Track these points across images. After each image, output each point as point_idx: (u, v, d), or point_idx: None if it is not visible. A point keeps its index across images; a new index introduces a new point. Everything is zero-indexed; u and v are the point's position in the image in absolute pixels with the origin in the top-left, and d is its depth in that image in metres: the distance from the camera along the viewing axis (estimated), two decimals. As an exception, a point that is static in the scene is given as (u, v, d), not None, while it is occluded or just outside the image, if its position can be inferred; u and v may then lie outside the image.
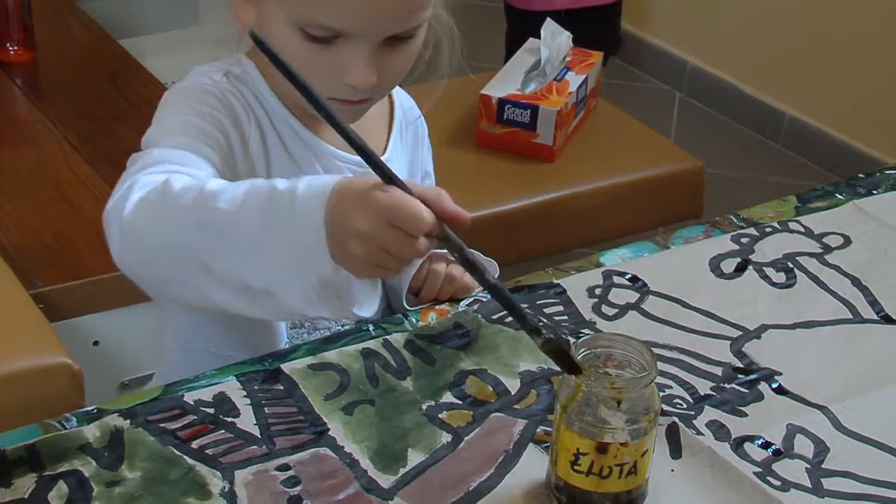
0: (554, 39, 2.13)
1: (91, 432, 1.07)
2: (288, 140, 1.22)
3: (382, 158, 1.19)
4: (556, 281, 1.29)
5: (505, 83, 2.11)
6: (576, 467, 0.99)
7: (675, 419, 1.11)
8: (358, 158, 1.18)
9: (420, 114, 1.36)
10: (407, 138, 1.34)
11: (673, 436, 1.09)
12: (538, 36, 2.15)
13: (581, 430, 0.99)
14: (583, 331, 1.22)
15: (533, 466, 1.06)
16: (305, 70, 1.07)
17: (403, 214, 0.94)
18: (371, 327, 1.21)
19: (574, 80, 2.12)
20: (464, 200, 1.97)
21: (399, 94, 1.34)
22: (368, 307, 1.01)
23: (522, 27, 2.37)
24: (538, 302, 1.26)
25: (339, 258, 0.96)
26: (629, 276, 1.30)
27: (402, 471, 1.05)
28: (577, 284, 1.29)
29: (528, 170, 2.07)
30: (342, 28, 1.10)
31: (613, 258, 1.33)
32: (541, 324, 1.02)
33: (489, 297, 1.26)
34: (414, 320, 1.23)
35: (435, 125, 2.13)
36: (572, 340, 1.20)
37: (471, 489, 1.04)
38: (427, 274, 1.26)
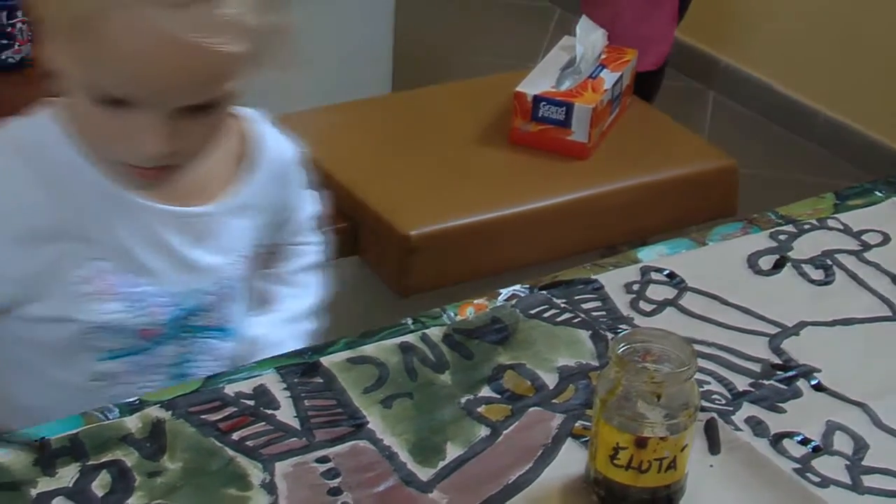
0: (589, 37, 2.13)
1: (133, 423, 1.08)
2: (89, 200, 1.12)
3: (213, 206, 1.17)
4: (593, 276, 1.29)
5: (539, 80, 2.11)
6: (615, 461, 1.00)
7: (714, 415, 1.11)
8: (175, 209, 1.15)
9: (291, 153, 1.29)
10: (266, 183, 1.23)
11: (711, 431, 1.09)
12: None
13: (620, 424, 0.99)
14: (620, 326, 1.22)
15: (571, 460, 1.06)
16: (99, 134, 1.07)
17: None
18: (410, 321, 1.22)
19: (609, 77, 2.12)
20: (497, 198, 1.99)
21: (264, 136, 1.25)
22: None
23: None
24: (575, 297, 1.26)
25: None
26: (666, 272, 1.30)
27: (441, 464, 1.06)
28: (615, 280, 1.29)
29: (561, 167, 2.07)
30: (127, 97, 1.03)
31: (650, 254, 1.33)
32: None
33: (527, 290, 1.26)
34: (452, 314, 1.23)
35: (468, 123, 2.16)
36: (611, 336, 1.21)
37: (509, 482, 1.04)
38: None
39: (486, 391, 1.14)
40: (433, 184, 2.01)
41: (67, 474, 1.02)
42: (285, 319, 1.34)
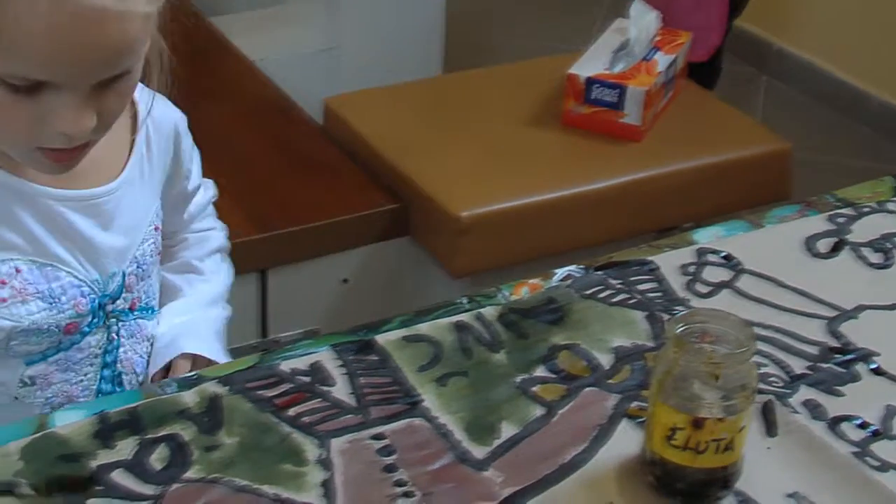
0: (643, 19, 2.12)
1: (190, 398, 1.08)
2: None
3: (114, 184, 1.12)
4: (648, 258, 1.28)
5: (593, 63, 2.10)
6: (671, 442, 0.99)
7: (771, 397, 1.10)
8: (77, 192, 1.10)
9: (171, 110, 1.22)
10: (158, 147, 1.20)
11: (768, 414, 1.09)
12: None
13: (677, 404, 0.98)
14: (675, 308, 1.21)
15: (626, 441, 1.06)
16: (6, 123, 1.00)
17: None
18: (464, 300, 1.22)
19: (662, 59, 2.11)
20: (549, 180, 1.99)
21: (142, 96, 1.17)
22: None
23: None
24: (631, 278, 1.26)
25: None
26: (723, 254, 1.29)
27: (496, 442, 1.06)
28: (670, 261, 1.28)
29: (614, 150, 2.06)
30: (47, 79, 0.97)
31: (706, 236, 1.33)
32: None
33: (582, 271, 1.26)
34: (507, 294, 1.23)
35: (519, 105, 2.15)
36: (666, 317, 1.20)
37: (564, 462, 1.04)
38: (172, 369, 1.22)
39: (541, 371, 1.14)
40: (485, 165, 2.01)
41: (126, 447, 1.03)
42: (199, 303, 1.31)
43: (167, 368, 1.24)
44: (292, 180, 2.02)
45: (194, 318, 1.29)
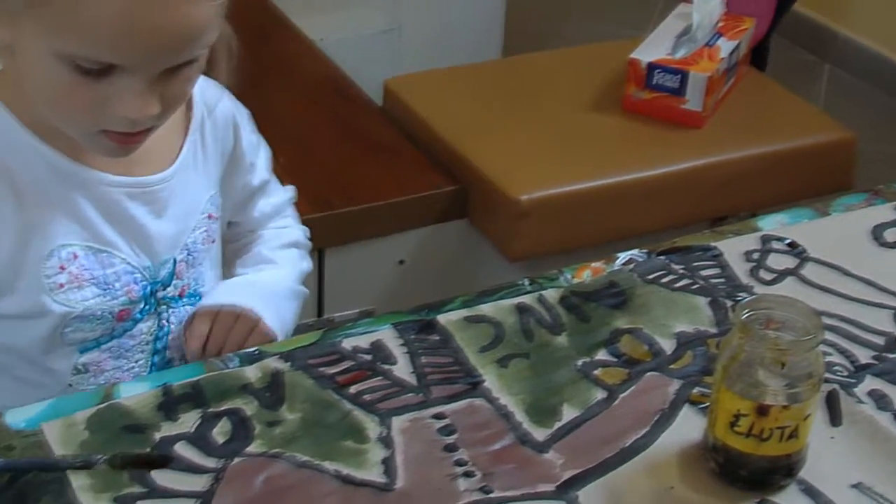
0: (706, 4, 2.10)
1: (252, 373, 1.09)
2: (45, 181, 1.08)
3: (169, 171, 1.13)
4: (712, 244, 1.27)
5: (654, 48, 2.08)
6: (735, 428, 0.98)
7: (836, 386, 1.09)
8: (133, 179, 1.10)
9: (230, 102, 1.22)
10: (214, 136, 1.20)
11: (833, 403, 1.08)
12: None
13: (742, 391, 0.98)
14: (739, 294, 1.20)
15: (688, 427, 1.05)
16: (74, 104, 1.00)
17: None
18: (526, 282, 1.21)
19: (725, 46, 2.09)
20: (609, 166, 1.98)
21: (199, 86, 1.16)
22: None
23: None
24: (694, 264, 1.25)
25: None
26: (788, 241, 1.28)
27: (557, 425, 1.05)
28: (734, 248, 1.27)
29: (674, 136, 2.05)
30: (118, 63, 0.98)
31: (771, 223, 1.31)
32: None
33: (645, 255, 1.25)
34: (568, 277, 1.22)
35: (579, 89, 2.14)
36: (730, 303, 1.19)
37: (626, 446, 1.03)
38: (211, 333, 1.18)
39: (602, 354, 1.13)
40: (544, 149, 2.00)
41: (189, 420, 1.03)
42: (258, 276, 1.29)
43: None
44: (351, 161, 2.02)
45: (239, 279, 1.27)
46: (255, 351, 1.12)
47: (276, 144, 2.02)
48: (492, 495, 0.98)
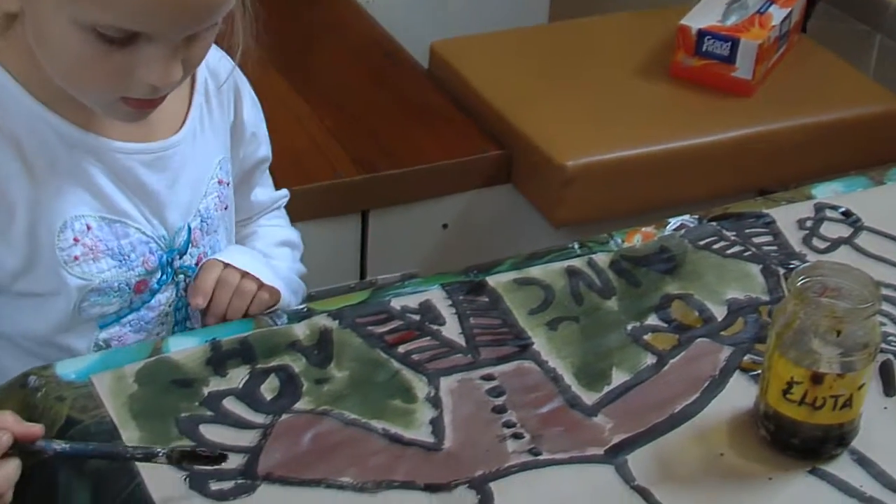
0: (758, -30, 2.06)
1: (301, 330, 1.09)
2: (56, 152, 1.06)
3: (179, 136, 1.11)
4: (765, 211, 1.26)
5: (705, 15, 2.05)
6: (787, 396, 0.97)
7: (890, 356, 1.08)
8: (143, 145, 1.08)
9: (232, 66, 1.17)
10: (219, 102, 1.18)
11: (887, 373, 1.06)
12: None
13: (796, 358, 0.96)
14: (792, 262, 1.19)
15: (739, 394, 1.04)
16: (94, 73, 0.98)
17: None
18: (576, 245, 1.20)
19: (777, 13, 2.06)
20: (656, 133, 1.96)
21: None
22: None
23: None
24: (746, 231, 1.23)
25: None
26: (842, 209, 1.26)
27: (606, 389, 1.05)
28: (787, 215, 1.25)
29: (723, 104, 2.02)
30: (143, 31, 0.96)
31: (825, 191, 1.30)
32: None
33: (696, 221, 1.24)
34: (619, 241, 1.21)
35: (627, 56, 2.12)
36: (782, 271, 1.18)
37: (675, 412, 1.02)
38: (217, 285, 1.13)
39: (652, 319, 1.12)
40: (591, 115, 1.98)
41: (237, 376, 1.03)
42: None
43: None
44: (396, 123, 2.01)
45: (246, 249, 1.25)
46: (303, 308, 1.12)
47: (322, 107, 2.03)
48: (540, 457, 0.97)
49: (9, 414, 0.90)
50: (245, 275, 1.14)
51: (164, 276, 1.14)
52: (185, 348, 1.06)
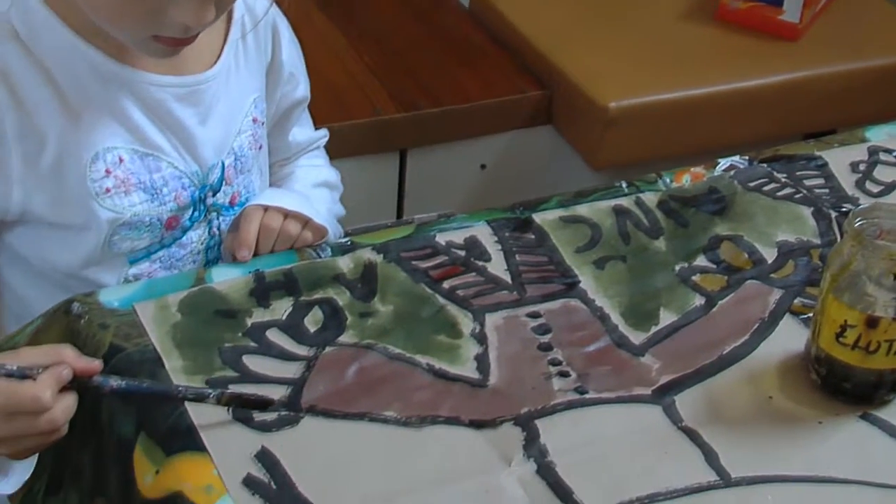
0: (809, -89, 2.02)
1: (345, 263, 1.07)
2: (88, 82, 1.04)
3: (213, 71, 1.09)
4: (817, 153, 1.23)
5: (752, -45, 2.02)
6: (840, 340, 0.95)
7: (945, 302, 1.05)
8: (177, 79, 1.06)
9: (270, 3, 1.16)
10: (256, 41, 1.17)
11: (941, 319, 1.04)
12: None
13: (851, 301, 0.94)
14: (844, 206, 1.17)
15: (789, 337, 1.02)
16: (128, 13, 0.97)
17: (19, 404, 0.86)
18: (624, 184, 1.18)
19: (827, -45, 2.02)
20: (700, 76, 1.92)
21: None
22: (22, 475, 0.96)
23: None
24: (797, 173, 1.21)
25: None
26: (896, 153, 1.24)
27: (654, 329, 1.03)
28: (840, 158, 1.23)
29: (769, 48, 1.98)
30: None
31: (879, 134, 1.27)
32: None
33: (746, 163, 1.22)
34: (667, 181, 1.19)
35: (672, -1, 2.08)
36: (834, 214, 1.15)
37: (724, 353, 1.01)
38: (260, 233, 1.11)
39: (701, 260, 1.10)
40: (634, 57, 1.95)
41: (281, 307, 1.02)
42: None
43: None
44: (436, 61, 1.98)
45: (284, 189, 1.24)
46: (347, 241, 1.10)
47: (363, 44, 2.01)
48: (587, 396, 0.96)
49: (69, 348, 0.90)
50: (288, 215, 1.12)
51: (197, 214, 1.13)
52: (228, 279, 1.05)
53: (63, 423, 0.88)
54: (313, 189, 1.27)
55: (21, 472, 0.94)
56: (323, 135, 1.33)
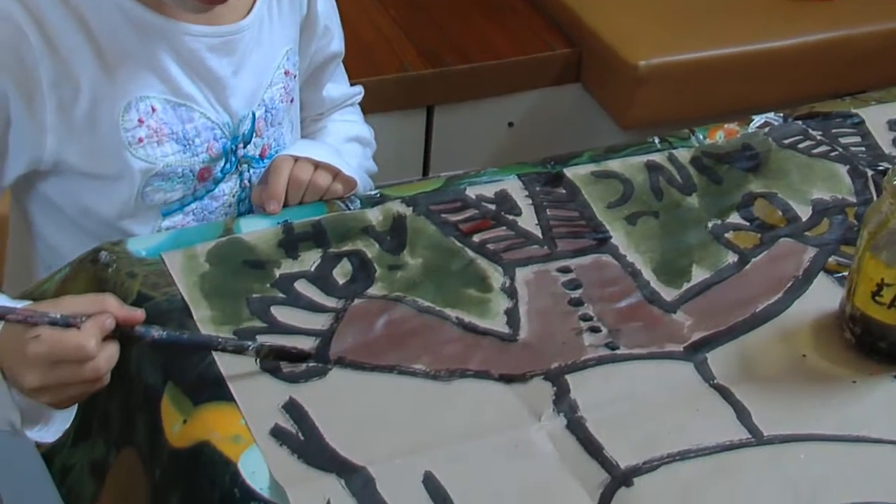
0: None
1: (374, 215, 1.06)
2: (121, 31, 1.04)
3: (246, 21, 1.08)
4: (853, 111, 1.21)
5: (787, -88, 1.98)
6: (877, 299, 0.94)
7: (983, 263, 1.04)
8: (210, 28, 1.05)
9: None
10: None
11: (979, 280, 1.02)
12: None
13: (888, 260, 0.93)
14: (880, 164, 1.15)
15: (823, 295, 1.01)
16: None
17: (63, 352, 0.85)
18: (656, 140, 1.17)
19: (864, -87, 1.98)
20: (732, 34, 1.90)
21: None
22: (62, 424, 0.95)
23: None
24: (833, 131, 1.19)
25: (37, 402, 0.89)
26: (935, 111, 1.22)
27: (686, 286, 1.02)
28: (877, 116, 1.21)
29: (804, 7, 1.96)
30: None
31: (918, 92, 1.25)
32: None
33: (781, 120, 1.20)
34: (701, 137, 1.18)
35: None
36: (870, 172, 1.14)
37: (757, 311, 1.00)
38: (289, 185, 1.09)
39: (734, 218, 1.09)
40: (665, 15, 1.93)
41: (309, 259, 1.01)
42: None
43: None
44: (465, 17, 1.97)
45: (313, 140, 1.23)
46: (376, 193, 1.09)
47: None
48: (618, 352, 0.95)
49: (112, 297, 0.89)
50: (318, 167, 1.11)
51: (228, 165, 1.12)
52: (256, 230, 1.04)
53: (106, 371, 0.87)
54: (345, 143, 1.26)
55: (61, 421, 0.94)
56: (358, 91, 1.31)
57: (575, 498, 0.83)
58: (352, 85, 1.32)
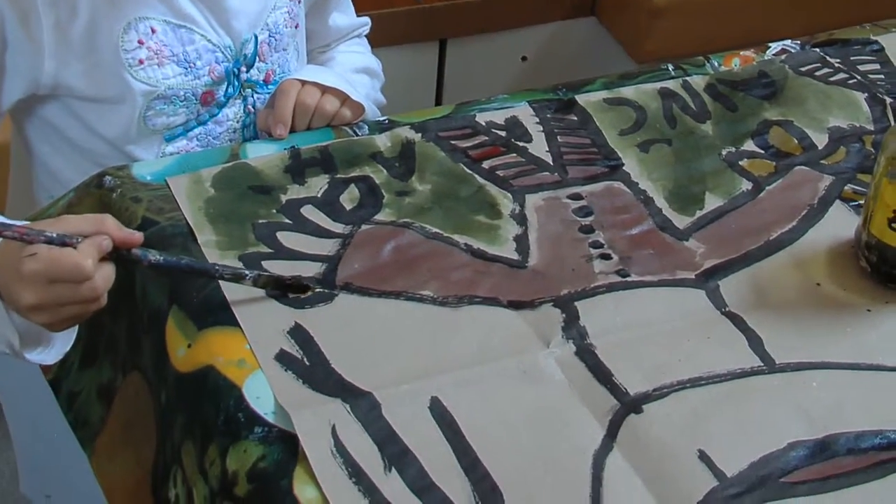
0: None
1: (382, 141, 1.05)
2: None
3: None
4: (873, 38, 1.19)
5: None
6: (893, 225, 0.92)
7: None
8: None
9: None
10: None
11: None
12: None
13: (906, 186, 0.91)
14: (899, 92, 1.13)
15: (838, 224, 0.99)
16: None
17: (60, 270, 0.84)
18: (670, 67, 1.15)
19: None
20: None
21: None
22: (63, 346, 0.94)
23: None
24: (852, 58, 1.17)
25: (34, 323, 0.88)
26: (956, 39, 1.19)
27: (699, 213, 1.00)
28: (897, 43, 1.19)
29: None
30: None
31: (939, 19, 1.22)
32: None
33: (798, 47, 1.17)
34: (716, 64, 1.15)
35: None
36: (889, 100, 1.11)
37: (771, 239, 0.98)
38: (296, 110, 1.08)
39: (749, 145, 1.07)
40: (682, -55, 1.89)
41: (316, 184, 1.00)
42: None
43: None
44: (478, -51, 1.93)
45: (321, 66, 1.21)
46: (384, 119, 1.07)
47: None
48: (629, 279, 0.93)
49: (110, 218, 0.88)
50: (326, 91, 1.09)
51: (231, 89, 1.10)
52: (263, 155, 1.02)
53: (103, 292, 0.86)
54: (353, 74, 1.24)
55: (61, 344, 0.93)
56: (364, 22, 1.29)
57: (584, 424, 0.81)
58: (366, 16, 1.29)
